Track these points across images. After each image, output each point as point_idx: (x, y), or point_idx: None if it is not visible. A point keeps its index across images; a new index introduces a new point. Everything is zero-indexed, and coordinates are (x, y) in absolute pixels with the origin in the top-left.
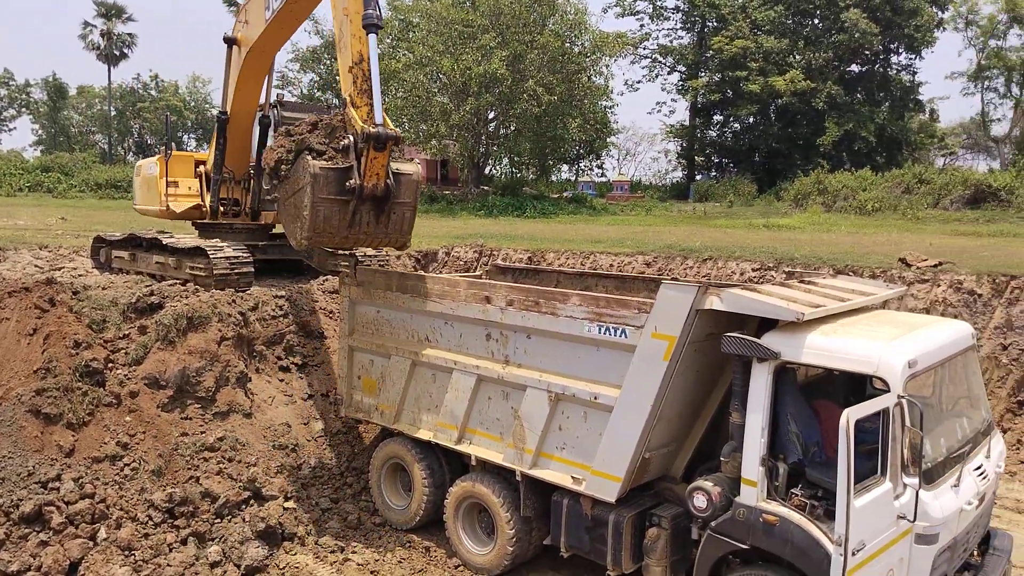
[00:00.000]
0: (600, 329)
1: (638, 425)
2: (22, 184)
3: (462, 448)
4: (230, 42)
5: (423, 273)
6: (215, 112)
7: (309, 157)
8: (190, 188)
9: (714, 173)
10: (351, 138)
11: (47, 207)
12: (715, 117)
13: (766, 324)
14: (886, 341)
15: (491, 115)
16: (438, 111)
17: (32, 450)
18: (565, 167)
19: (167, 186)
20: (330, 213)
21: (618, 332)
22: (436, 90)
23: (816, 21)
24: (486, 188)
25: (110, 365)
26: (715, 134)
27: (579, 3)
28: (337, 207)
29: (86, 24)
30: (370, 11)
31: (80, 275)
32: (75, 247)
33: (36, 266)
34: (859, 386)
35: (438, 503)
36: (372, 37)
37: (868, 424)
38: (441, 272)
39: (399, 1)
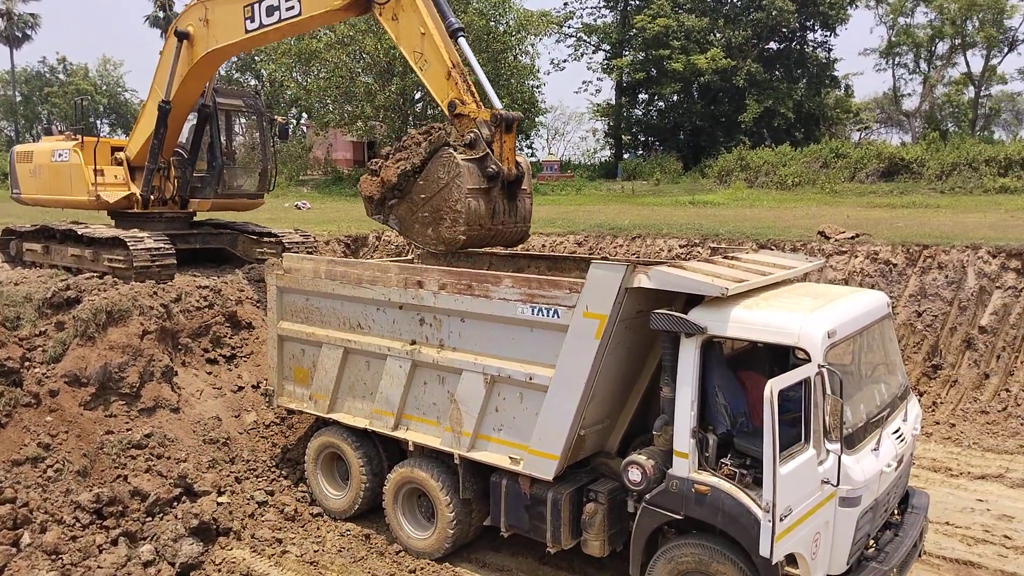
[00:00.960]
0: (533, 310)
1: (573, 403)
2: None
3: (399, 434)
4: (181, 36)
5: (352, 259)
6: (129, 96)
7: (453, 151)
8: (116, 177)
9: (641, 152)
10: (476, 131)
11: None
12: (640, 96)
13: (693, 300)
14: (806, 313)
15: (417, 95)
16: (363, 92)
17: None
18: None
19: (93, 174)
20: (477, 204)
21: (550, 312)
22: (360, 70)
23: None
24: None
25: (27, 364)
26: (641, 113)
27: None
28: (482, 197)
29: None
30: (450, 20)
31: None
32: None
33: None
34: (783, 357)
35: (376, 490)
36: (462, 40)
37: (791, 393)
38: (372, 257)
39: None
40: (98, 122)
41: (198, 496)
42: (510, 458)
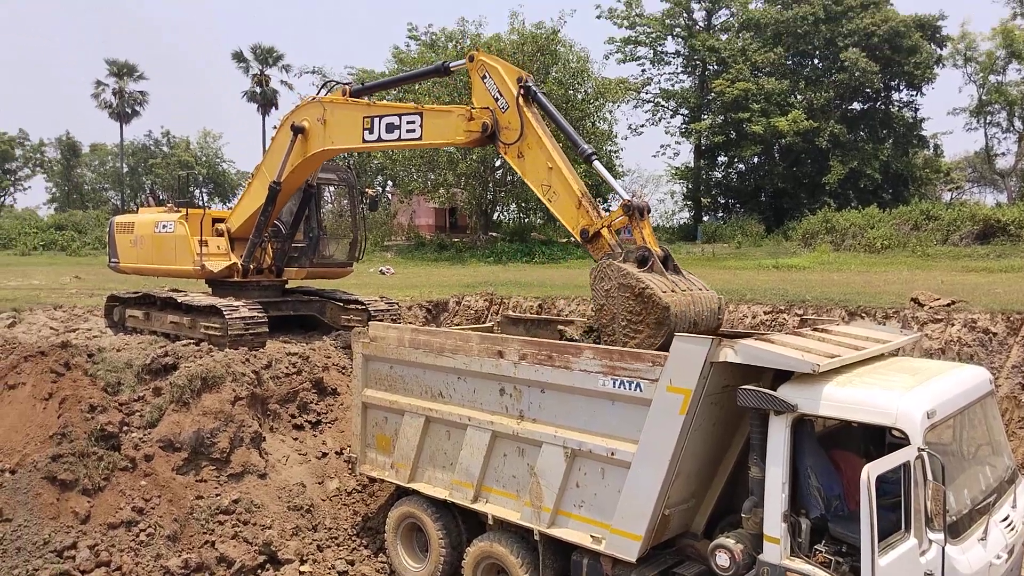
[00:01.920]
0: (615, 383)
1: (657, 481)
2: (36, 243)
3: (478, 507)
4: (297, 130)
5: (435, 328)
6: (226, 167)
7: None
8: (219, 247)
9: (721, 214)
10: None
11: (61, 266)
12: (719, 158)
13: (782, 375)
14: (903, 391)
15: (498, 163)
16: (445, 160)
17: (48, 517)
18: None
19: (194, 246)
20: (651, 276)
21: (633, 386)
22: None
23: (816, 61)
24: (495, 235)
25: (125, 428)
26: (720, 175)
27: (581, 51)
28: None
29: (98, 83)
30: (583, 147)
31: (94, 336)
32: (89, 307)
33: (51, 327)
34: (878, 437)
35: (456, 564)
36: (596, 163)
37: (890, 476)
38: (452, 322)
39: (404, 54)
40: (198, 191)
41: (282, 564)
42: (591, 536)
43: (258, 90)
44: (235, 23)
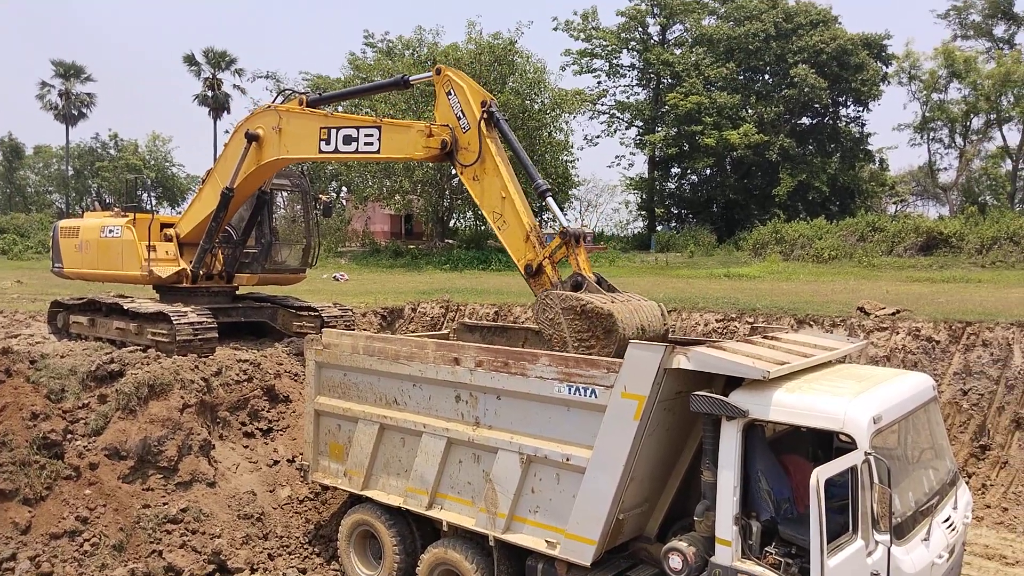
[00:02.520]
0: (570, 389)
1: (611, 486)
2: None
3: (433, 513)
4: (251, 138)
5: (390, 335)
6: (176, 171)
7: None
8: (167, 253)
9: (674, 224)
10: (578, 277)
11: (2, 270)
12: (673, 169)
13: (734, 381)
14: (850, 397)
15: (453, 171)
16: (401, 168)
17: None
18: None
19: (141, 251)
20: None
21: (588, 392)
22: None
23: (767, 77)
24: (450, 242)
25: (69, 436)
26: (674, 186)
27: (538, 62)
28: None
29: (44, 84)
30: (538, 182)
31: (37, 342)
32: (31, 312)
33: None
34: (826, 440)
35: (410, 571)
36: (549, 199)
37: (838, 479)
38: (408, 329)
39: (360, 61)
40: (146, 195)
41: (231, 573)
42: (546, 541)
43: (210, 94)
44: (187, 26)
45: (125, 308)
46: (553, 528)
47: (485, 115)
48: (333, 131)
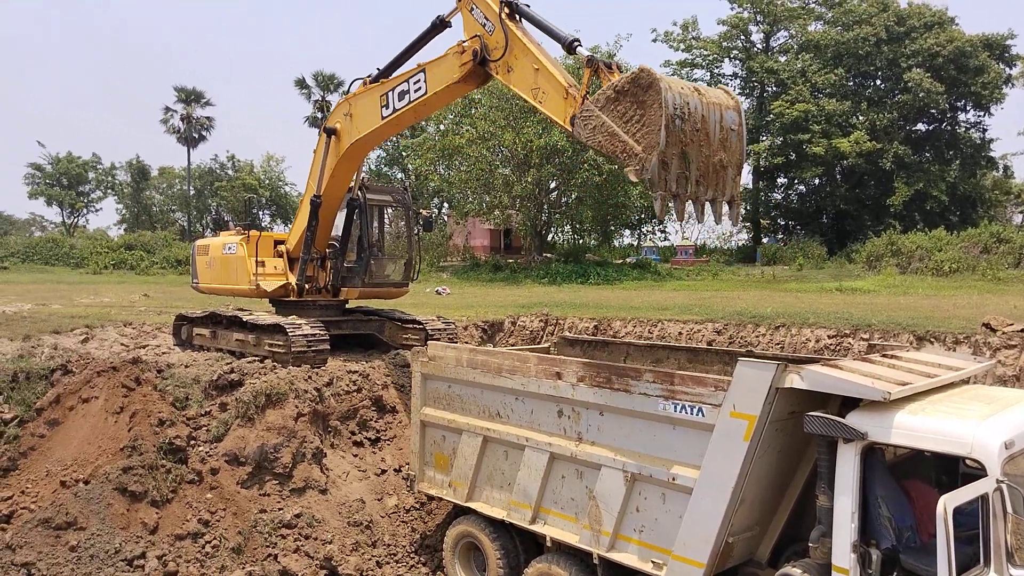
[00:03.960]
0: (675, 407)
1: (720, 508)
2: (107, 262)
3: (536, 528)
4: (330, 132)
5: (492, 348)
6: (288, 190)
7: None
8: (276, 267)
9: (781, 236)
10: None
11: (130, 284)
12: (779, 180)
13: (850, 402)
14: (978, 420)
15: (552, 185)
16: (501, 183)
17: (119, 527)
18: (627, 232)
19: (254, 265)
20: None
21: (694, 410)
22: (499, 163)
23: (878, 82)
24: (549, 255)
25: (192, 442)
26: (780, 196)
27: None
28: None
29: (167, 109)
30: (562, 35)
31: (163, 353)
32: (157, 324)
33: (122, 344)
34: (951, 465)
35: None
36: (579, 49)
37: (966, 507)
38: (508, 342)
39: None
40: (261, 213)
41: None
42: (652, 562)
43: (319, 115)
44: (299, 52)
45: (244, 321)
46: (659, 549)
47: (505, 7)
48: (389, 93)
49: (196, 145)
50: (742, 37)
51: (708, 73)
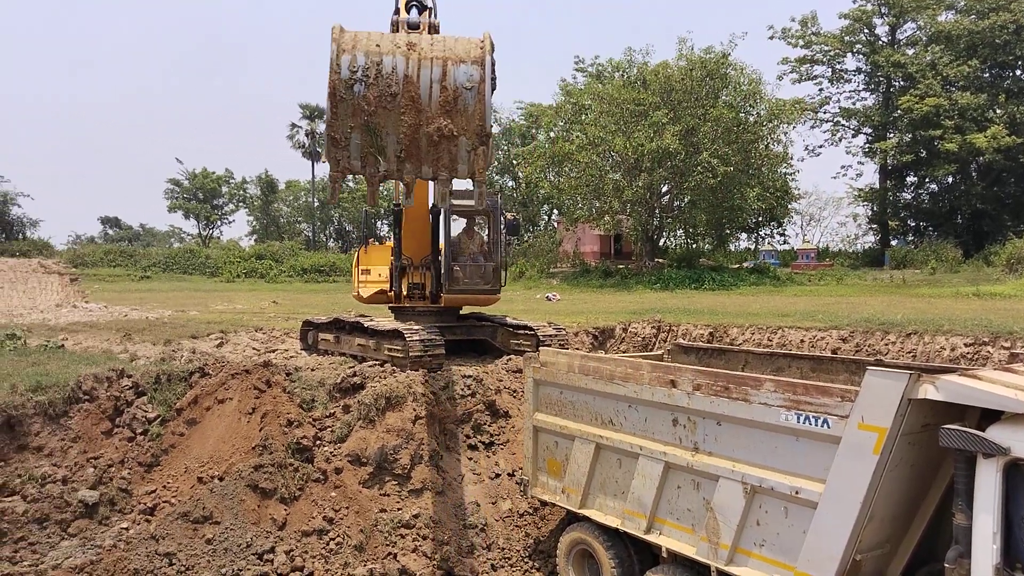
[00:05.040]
0: (799, 418)
1: (847, 524)
2: (239, 271)
3: (651, 538)
4: None
5: (604, 355)
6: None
7: None
8: (380, 275)
9: (911, 238)
10: None
11: (260, 291)
12: (908, 178)
13: (990, 414)
14: None
15: (664, 188)
16: (611, 188)
17: (250, 522)
18: (744, 236)
19: (360, 273)
20: None
21: (819, 422)
22: (609, 168)
23: (1018, 72)
24: (661, 261)
25: (318, 442)
26: (909, 196)
27: (753, 73)
28: None
29: (293, 125)
30: None
31: (291, 356)
32: (286, 329)
33: (253, 348)
34: None
35: None
36: None
37: None
38: (619, 349)
39: (571, 86)
40: (380, 224)
41: None
42: None
43: None
44: None
45: (365, 326)
46: (781, 564)
47: None
48: None
49: (319, 159)
50: (866, 31)
51: (829, 69)
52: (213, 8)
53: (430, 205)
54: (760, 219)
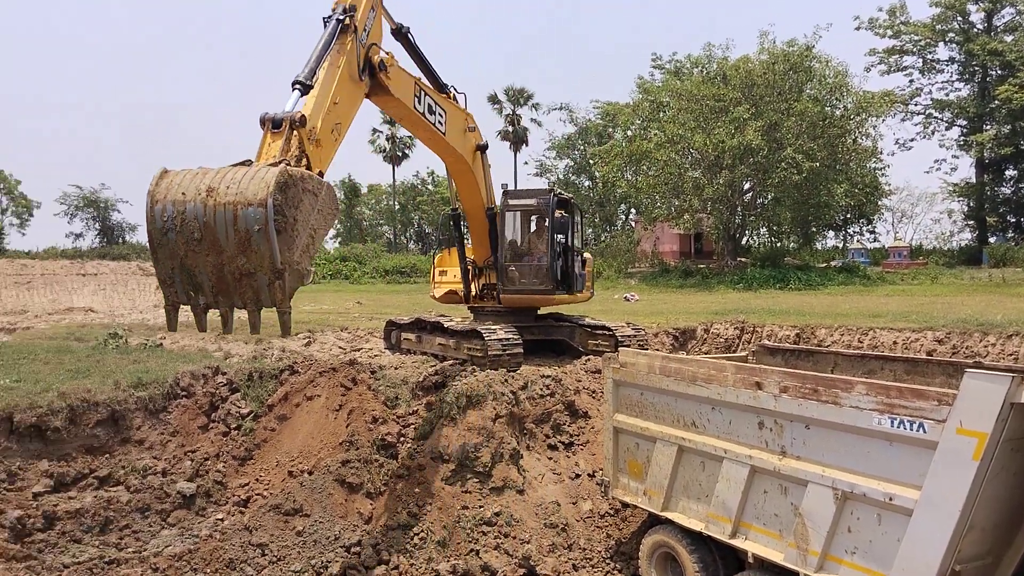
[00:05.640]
0: (892, 422)
1: (945, 533)
2: (325, 272)
3: (737, 543)
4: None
5: (686, 356)
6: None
7: None
8: (454, 276)
9: (1011, 234)
10: None
11: (345, 292)
12: (1008, 172)
13: None
14: None
15: (747, 186)
16: (691, 186)
17: (338, 516)
18: (831, 234)
19: (437, 274)
20: None
21: (914, 426)
22: (688, 166)
23: None
24: (743, 260)
25: (401, 439)
26: (1009, 191)
27: (838, 66)
28: None
29: (374, 130)
30: None
31: (375, 355)
32: (369, 329)
33: (339, 347)
34: None
35: None
36: None
37: None
38: (700, 350)
39: (649, 84)
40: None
41: None
42: None
43: (510, 129)
44: (490, 69)
45: (445, 327)
46: (874, 573)
47: None
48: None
49: (400, 163)
50: (959, 18)
51: (920, 59)
52: (299, 8)
53: (486, 208)
54: (848, 216)
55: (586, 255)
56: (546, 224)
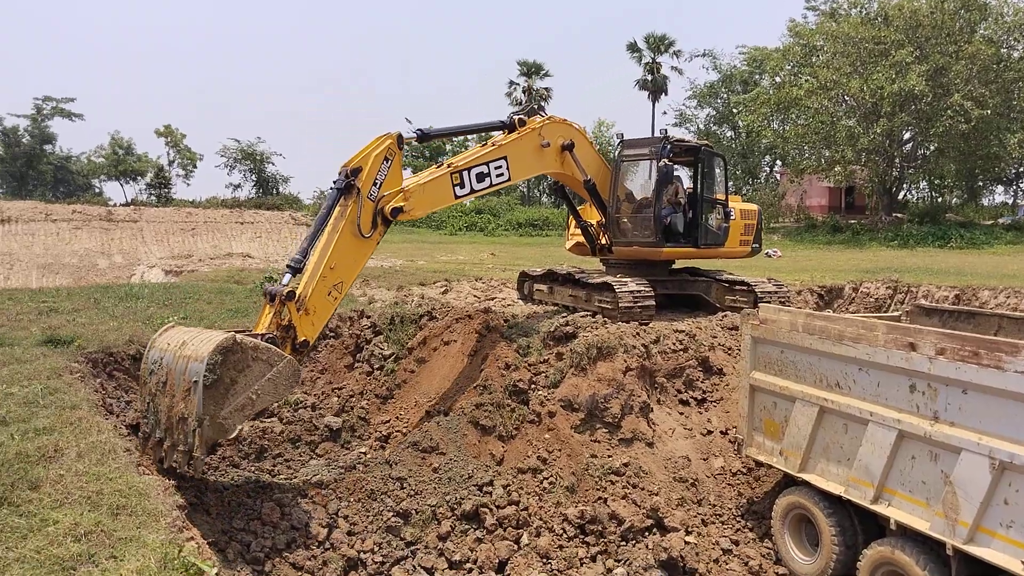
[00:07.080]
0: None
1: None
2: (461, 225)
3: (879, 509)
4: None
5: (832, 314)
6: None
7: None
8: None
9: None
10: None
11: (480, 244)
12: None
13: None
14: None
15: (906, 136)
16: (844, 136)
17: (471, 456)
18: (1000, 189)
19: (571, 227)
20: None
21: None
22: (842, 114)
23: None
24: (899, 216)
25: (532, 386)
26: None
27: (1019, 3)
28: None
29: (511, 83)
30: None
31: (508, 305)
32: (503, 279)
33: (473, 295)
34: None
35: (849, 564)
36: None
37: None
38: (847, 309)
39: (801, 26)
40: None
41: (668, 531)
42: (1022, 563)
43: (649, 78)
44: (631, 16)
45: (576, 278)
46: None
47: None
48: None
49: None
50: None
51: None
52: None
53: (583, 179)
54: (1022, 169)
55: (740, 206)
56: (663, 173)
